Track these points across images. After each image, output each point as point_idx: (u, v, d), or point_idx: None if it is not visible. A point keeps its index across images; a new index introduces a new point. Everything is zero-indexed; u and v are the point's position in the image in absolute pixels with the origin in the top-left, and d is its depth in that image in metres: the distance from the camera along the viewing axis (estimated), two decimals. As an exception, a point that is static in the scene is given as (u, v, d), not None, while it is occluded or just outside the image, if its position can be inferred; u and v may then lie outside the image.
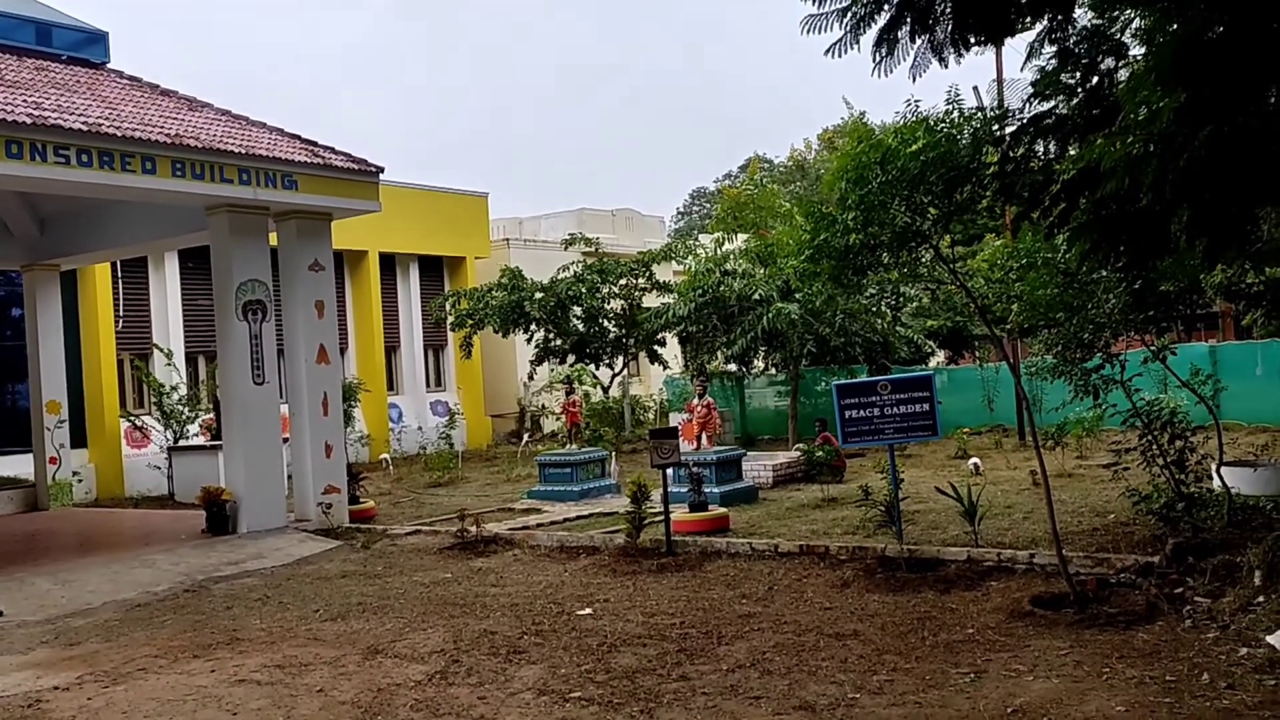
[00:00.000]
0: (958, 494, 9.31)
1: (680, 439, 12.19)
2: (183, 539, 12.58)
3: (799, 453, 15.91)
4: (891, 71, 5.14)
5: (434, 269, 26.76)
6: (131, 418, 19.69)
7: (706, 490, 11.98)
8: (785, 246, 18.23)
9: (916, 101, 7.19)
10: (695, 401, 14.58)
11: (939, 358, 25.38)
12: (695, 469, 12.01)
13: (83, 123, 10.68)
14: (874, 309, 18.95)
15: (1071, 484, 12.92)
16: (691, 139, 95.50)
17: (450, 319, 23.58)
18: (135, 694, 6.58)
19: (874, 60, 5.12)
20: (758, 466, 14.98)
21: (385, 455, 21.59)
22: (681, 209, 60.14)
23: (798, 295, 17.20)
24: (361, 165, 13.54)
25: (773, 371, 23.10)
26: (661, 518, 10.61)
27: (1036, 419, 19.15)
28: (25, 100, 10.71)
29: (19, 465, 17.45)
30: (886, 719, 5.36)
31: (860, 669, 6.18)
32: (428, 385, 26.34)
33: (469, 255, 26.72)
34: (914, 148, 7.11)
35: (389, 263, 25.32)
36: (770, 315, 17.41)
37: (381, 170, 13.79)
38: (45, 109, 10.65)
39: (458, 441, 23.02)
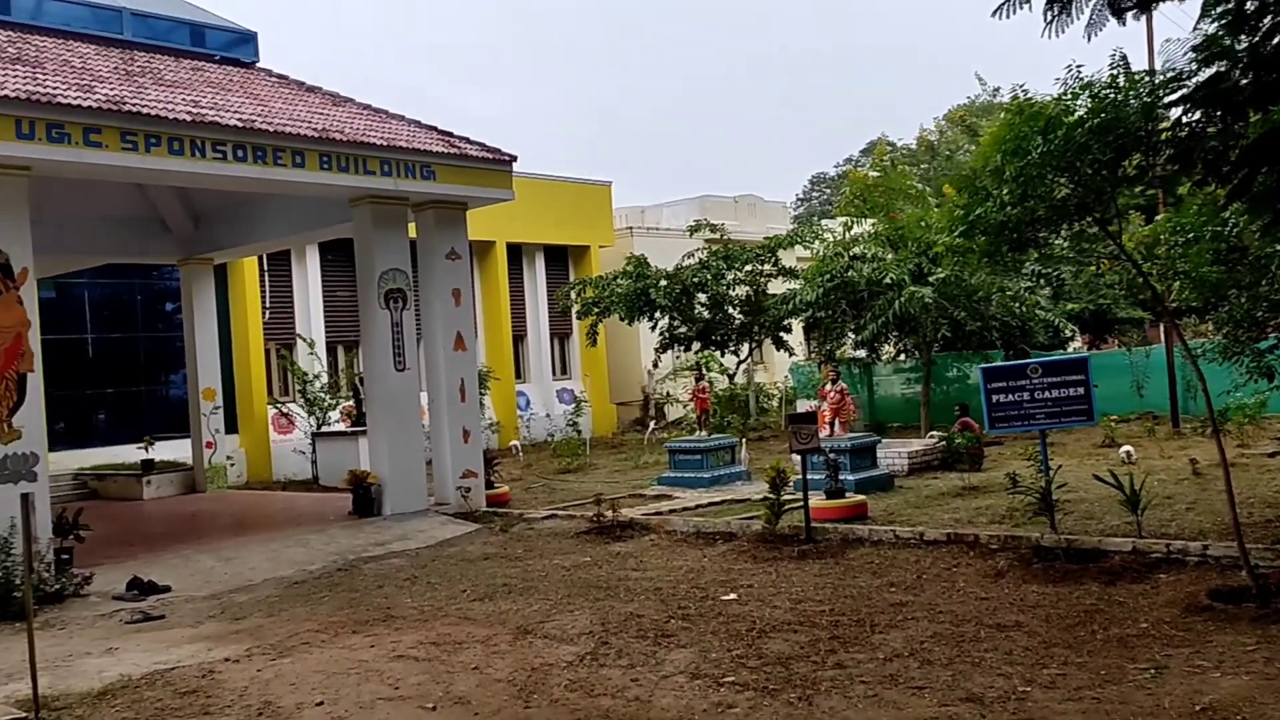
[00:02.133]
0: (1118, 482, 8.89)
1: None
2: (331, 520, 13.03)
3: (936, 439, 15.51)
4: (1064, 31, 4.90)
5: (559, 258, 27.07)
6: (278, 405, 20.53)
7: (841, 477, 11.78)
8: (916, 229, 17.81)
9: (1079, 67, 6.84)
10: (828, 388, 14.35)
11: (1078, 342, 24.41)
12: (831, 455, 11.82)
13: (237, 119, 11.12)
14: (1032, 289, 18.19)
15: (1236, 473, 12.22)
16: (809, 124, 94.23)
17: (576, 307, 23.82)
18: (301, 666, 6.82)
19: (1045, 19, 4.89)
20: (892, 454, 14.67)
21: (515, 442, 21.96)
22: (801, 195, 59.40)
23: (931, 278, 16.75)
24: (495, 155, 13.74)
25: (901, 358, 22.60)
26: (797, 504, 10.48)
27: (1191, 405, 18.25)
28: (184, 99, 11.21)
29: (178, 449, 18.37)
30: (1063, 714, 5.15)
31: (1027, 661, 5.96)
32: (554, 373, 26.68)
33: (593, 244, 26.93)
34: (1074, 116, 6.78)
35: (515, 252, 25.73)
36: (902, 300, 17.00)
37: (514, 159, 13.98)
38: (202, 107, 11.12)
39: (584, 429, 23.25)
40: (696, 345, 22.81)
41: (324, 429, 19.43)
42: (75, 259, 16.71)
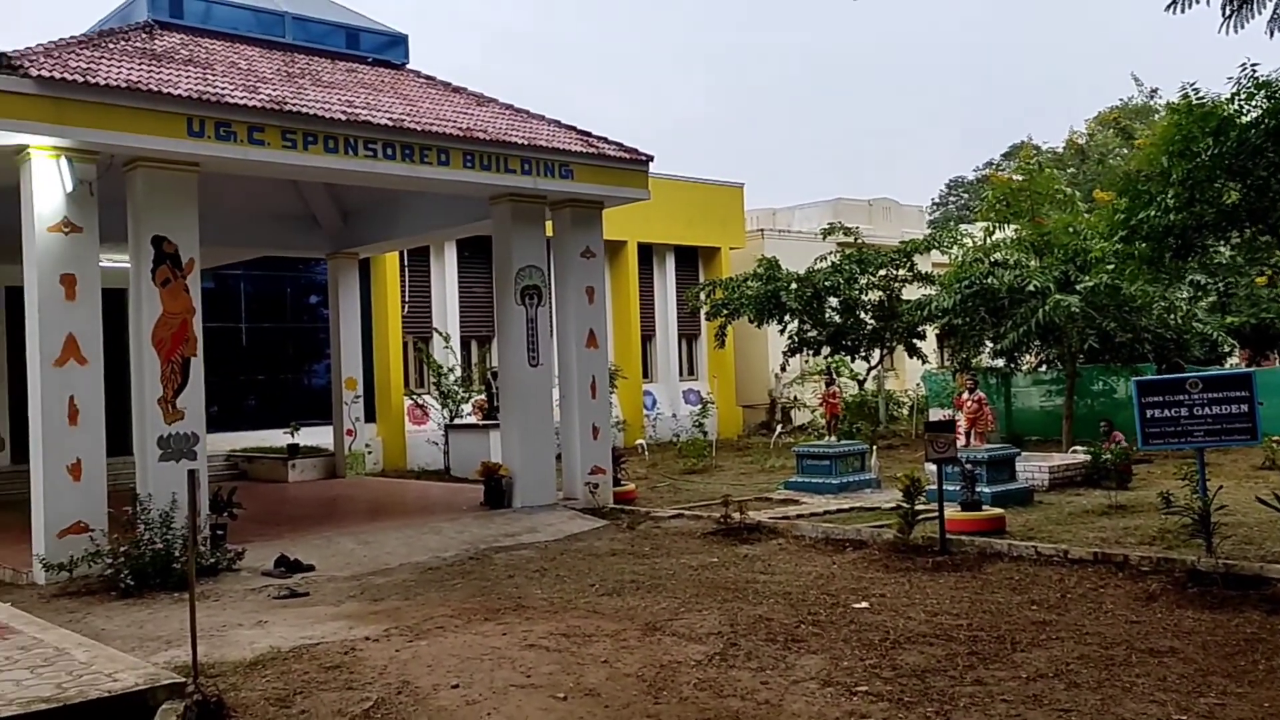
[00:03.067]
0: (1285, 506, 8.36)
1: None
2: (463, 510, 13.36)
3: (1081, 454, 14.91)
4: (1243, 26, 4.63)
5: (689, 259, 27.12)
6: (414, 396, 21.19)
7: (978, 490, 11.44)
8: (1064, 235, 17.15)
9: (1254, 65, 6.46)
10: (965, 396, 13.95)
11: (1237, 358, 23.08)
12: (968, 467, 11.50)
13: (388, 119, 11.51)
14: (1192, 300, 17.24)
15: None
16: (946, 128, 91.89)
17: (705, 309, 23.81)
18: (437, 649, 7.00)
19: (1224, 14, 4.63)
20: (1031, 467, 14.17)
21: (641, 441, 22.08)
22: (938, 199, 57.94)
23: (1079, 287, 16.10)
24: (632, 154, 13.85)
25: (1042, 369, 21.80)
26: (931, 515, 10.22)
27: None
28: (340, 99, 11.67)
29: (320, 436, 19.14)
30: (1221, 745, 4.88)
31: (1183, 689, 5.66)
32: (681, 374, 26.75)
33: (724, 246, 26.89)
34: (1249, 117, 6.41)
35: (646, 253, 25.89)
36: (1046, 308, 16.39)
37: (651, 159, 14.07)
38: (356, 106, 11.56)
39: (709, 430, 23.22)
40: (826, 350, 22.51)
41: (457, 421, 19.95)
42: (234, 251, 17.59)
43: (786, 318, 22.15)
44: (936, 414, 21.51)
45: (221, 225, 14.35)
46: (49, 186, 9.87)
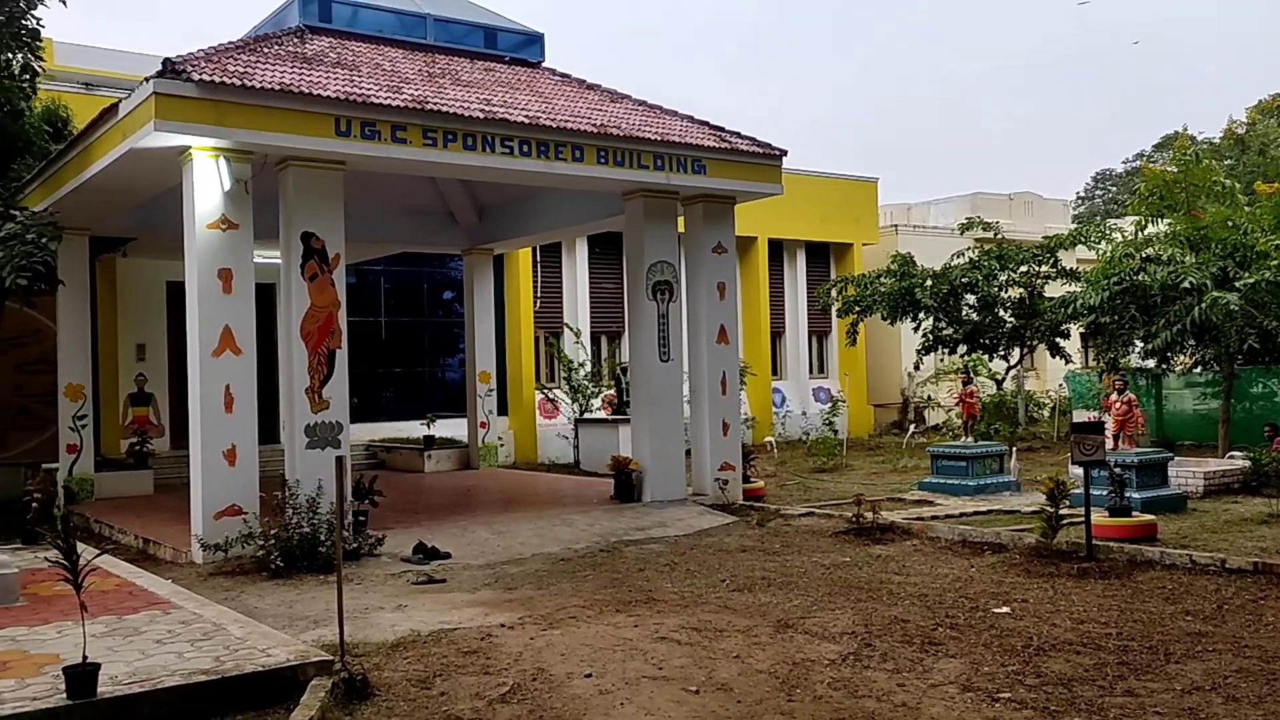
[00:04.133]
0: None
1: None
2: (593, 503, 13.50)
3: (1239, 459, 14.08)
4: None
5: (820, 255, 26.77)
6: (545, 390, 21.54)
7: (1127, 494, 10.92)
8: (1222, 230, 16.21)
9: None
10: (1114, 397, 13.35)
11: None
12: (1117, 470, 10.99)
13: (524, 116, 11.71)
14: None
15: None
16: (1091, 119, 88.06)
17: (836, 305, 23.43)
18: (570, 639, 7.09)
19: None
20: (1185, 473, 13.44)
21: (769, 438, 21.90)
22: (1083, 192, 55.63)
23: (1238, 283, 15.18)
24: (765, 149, 13.74)
25: (1198, 370, 20.66)
26: (1075, 520, 9.82)
27: None
28: (478, 98, 11.93)
29: (454, 428, 19.64)
30: (1407, 773, 4.52)
31: (1359, 710, 5.28)
32: (810, 371, 26.44)
33: (856, 242, 26.44)
34: None
35: (777, 249, 25.67)
36: (1203, 306, 15.51)
37: (785, 154, 13.93)
38: (494, 105, 11.79)
39: (840, 428, 22.86)
40: (962, 348, 21.86)
41: (586, 415, 20.19)
42: (375, 247, 18.20)
43: (921, 315, 21.59)
44: (1080, 415, 20.63)
45: (364, 222, 14.88)
46: (208, 186, 10.39)
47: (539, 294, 22.08)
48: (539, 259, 22.05)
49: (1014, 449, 15.92)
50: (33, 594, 8.18)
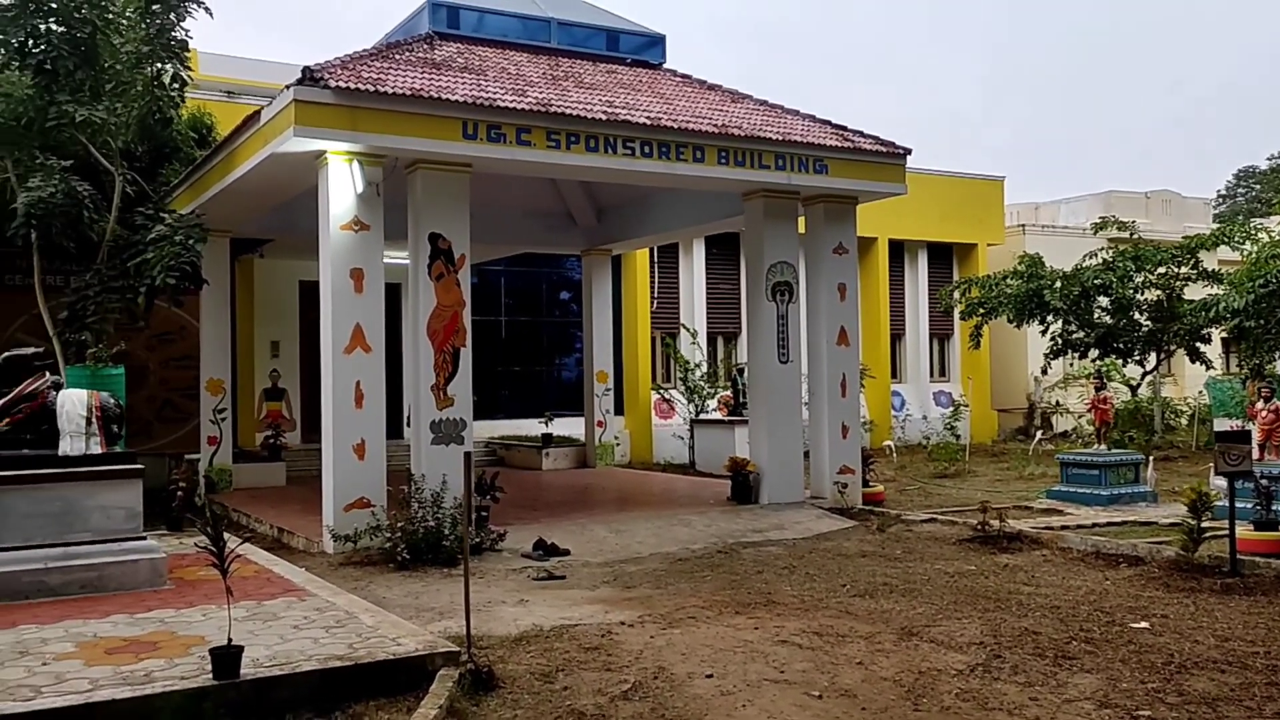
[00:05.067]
0: None
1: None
2: (710, 504, 13.47)
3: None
4: None
5: (943, 256, 26.15)
6: (661, 390, 21.61)
7: (1275, 507, 10.32)
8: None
9: None
10: (1259, 405, 12.65)
11: None
12: (1265, 482, 10.40)
13: (646, 118, 11.76)
14: None
15: None
16: (1233, 114, 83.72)
17: (959, 308, 22.85)
18: (690, 639, 7.08)
19: None
20: (1341, 487, 12.62)
21: (888, 442, 21.50)
22: (1225, 190, 52.96)
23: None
24: (889, 148, 13.50)
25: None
26: (1217, 533, 9.34)
27: None
28: (600, 100, 12.05)
29: (571, 426, 19.87)
30: None
31: None
32: (931, 375, 25.87)
33: (981, 242, 25.74)
34: None
35: (897, 250, 25.19)
36: (1360, 309, 14.59)
37: (909, 152, 13.66)
38: (616, 107, 11.89)
39: (962, 433, 22.29)
40: (1094, 353, 21.04)
41: (702, 416, 20.17)
42: (497, 248, 18.55)
43: (1049, 318, 20.87)
44: (1222, 424, 19.61)
45: (487, 223, 15.16)
46: (342, 188, 10.75)
47: (656, 294, 22.16)
48: (656, 259, 22.14)
49: (1150, 458, 15.26)
50: (179, 578, 8.60)
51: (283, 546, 11.29)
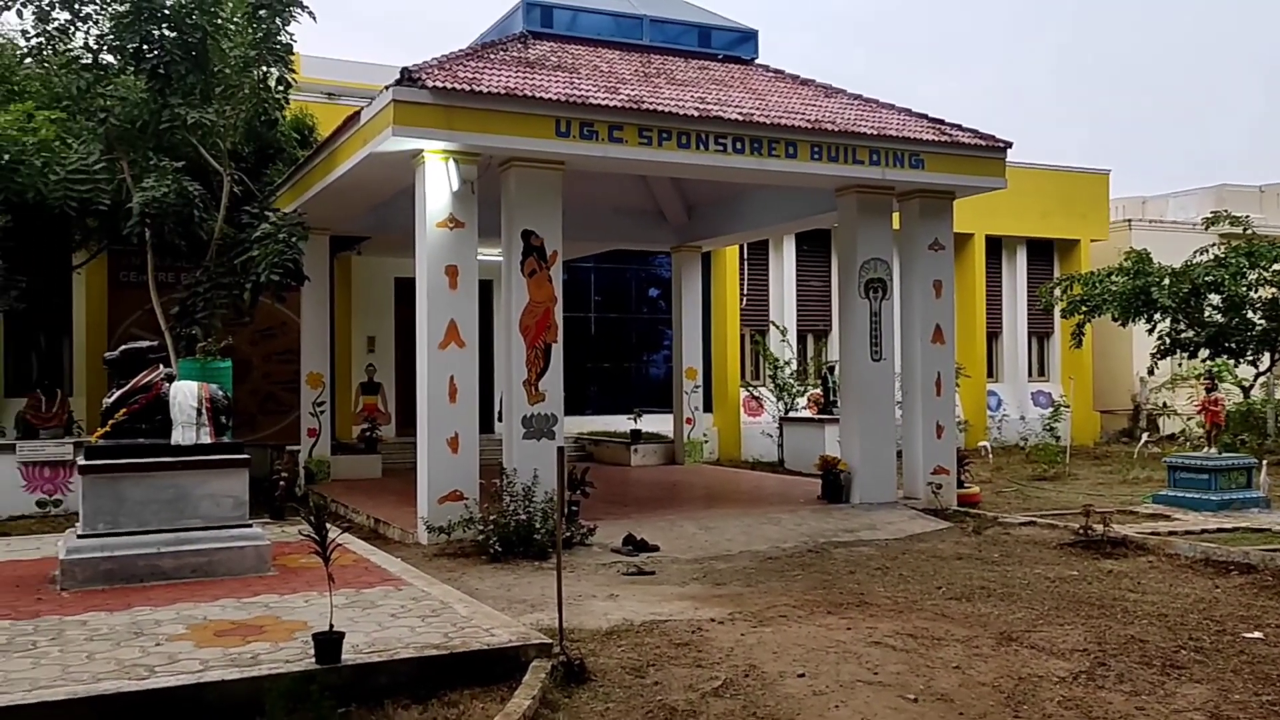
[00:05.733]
0: None
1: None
2: (800, 503, 13.35)
3: None
4: None
5: (1043, 252, 25.45)
6: (750, 388, 21.49)
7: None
8: None
9: None
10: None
11: None
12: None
13: (738, 113, 11.71)
14: None
15: None
16: (1359, 100, 79.67)
17: (1060, 305, 22.20)
18: (781, 637, 7.03)
19: None
20: None
21: (984, 443, 21.00)
22: (1344, 184, 50.34)
23: None
24: (989, 141, 13.19)
25: None
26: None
27: None
28: (692, 96, 12.03)
29: (659, 423, 19.90)
30: None
31: None
32: (1030, 374, 25.21)
33: (1083, 238, 24.97)
34: None
35: (995, 246, 24.61)
36: None
37: (1009, 146, 13.32)
38: (708, 103, 11.86)
39: (1062, 435, 21.66)
40: (1204, 352, 20.24)
41: (791, 414, 20.00)
42: (588, 245, 18.66)
43: (1157, 316, 20.15)
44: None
45: (578, 220, 15.25)
46: (438, 186, 10.94)
47: (745, 291, 22.04)
48: (746, 256, 22.02)
49: (1264, 462, 14.61)
50: (282, 565, 8.87)
51: (379, 537, 11.55)
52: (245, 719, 5.16)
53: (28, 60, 13.12)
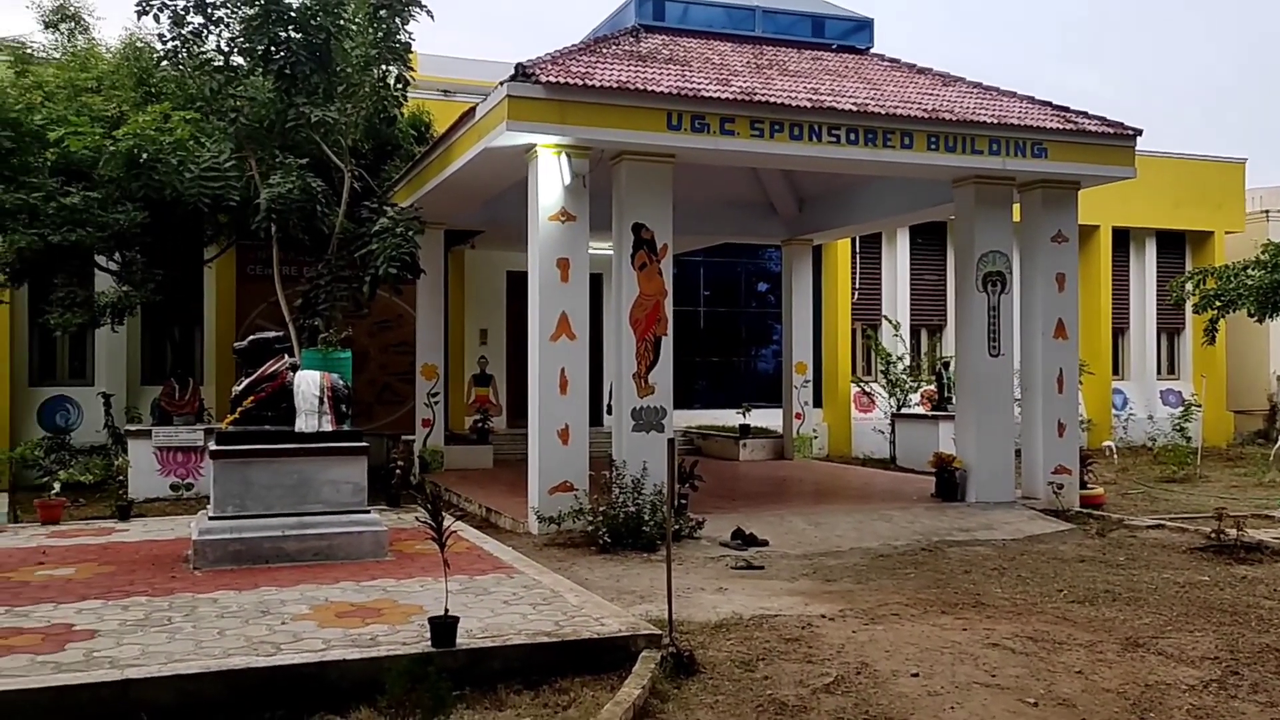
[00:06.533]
0: None
1: None
2: (913, 500, 13.08)
3: None
4: None
5: (1174, 245, 24.36)
6: (861, 383, 21.15)
7: None
8: None
9: None
10: None
11: None
12: None
13: (852, 104, 11.51)
14: None
15: None
16: None
17: (1192, 300, 21.18)
18: (893, 636, 6.90)
19: None
20: None
21: (1108, 443, 20.23)
22: None
23: None
24: (1117, 129, 12.67)
25: None
26: None
27: None
28: (805, 87, 11.87)
29: (768, 418, 19.76)
30: None
31: None
32: (1159, 372, 24.17)
33: (1218, 229, 23.81)
34: None
35: (1122, 238, 23.65)
36: None
37: (1139, 133, 12.78)
38: (821, 94, 11.69)
39: (1192, 435, 20.70)
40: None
41: (903, 410, 19.61)
42: (698, 239, 18.64)
43: (1295, 312, 19.06)
44: None
45: (689, 213, 15.26)
46: (550, 180, 11.06)
47: (857, 285, 21.70)
48: (858, 249, 21.67)
49: None
50: (398, 550, 9.11)
51: (490, 525, 11.77)
52: (364, 696, 5.32)
53: (164, 63, 13.72)
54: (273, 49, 12.77)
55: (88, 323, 14.49)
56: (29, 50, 15.93)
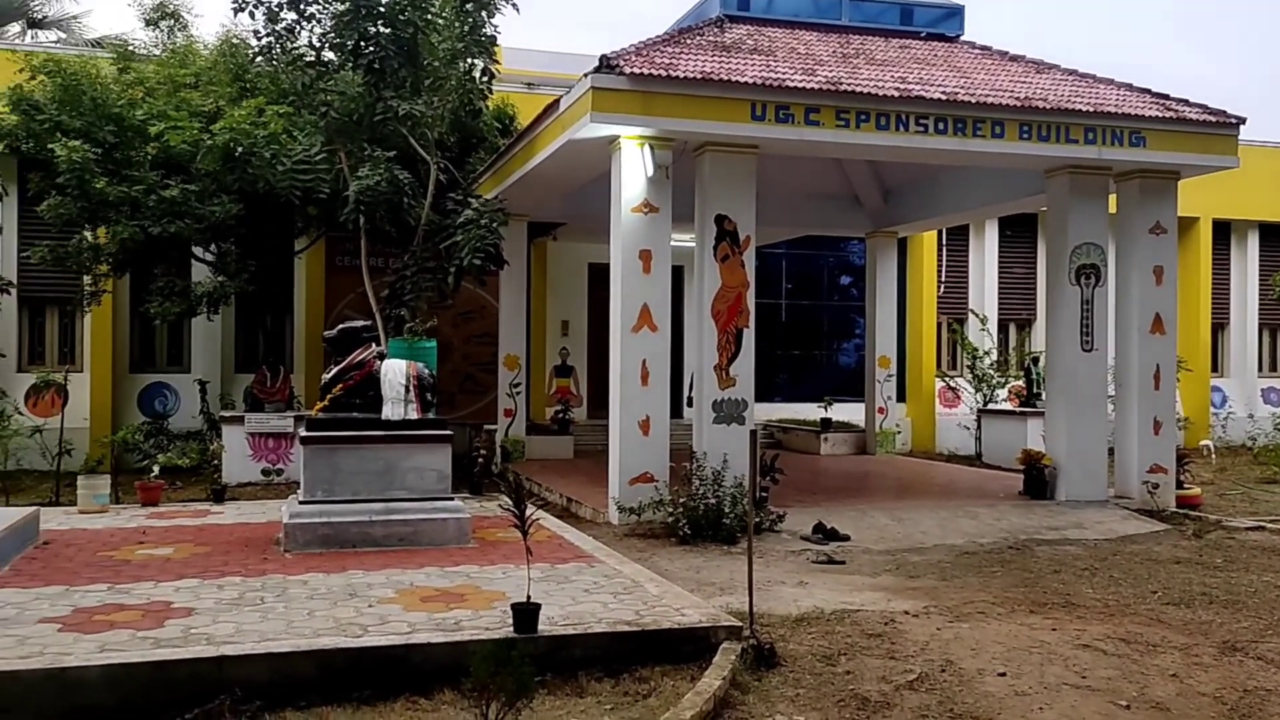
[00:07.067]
0: None
1: None
2: (999, 497, 12.80)
3: None
4: None
5: (1278, 238, 23.38)
6: (946, 378, 20.77)
7: None
8: None
9: None
10: None
11: None
12: None
13: (940, 93, 11.29)
14: None
15: None
16: None
17: (1298, 295, 20.35)
18: (979, 634, 6.76)
19: None
20: None
21: (1206, 442, 19.52)
22: None
23: None
24: (1220, 117, 12.20)
25: None
26: None
27: None
28: (892, 76, 11.68)
29: (850, 412, 19.53)
30: None
31: None
32: (1260, 369, 23.25)
33: (1325, 222, 22.78)
34: None
35: (1223, 230, 22.79)
36: None
37: (1243, 121, 12.29)
38: (908, 83, 11.49)
39: (1297, 436, 19.89)
40: None
41: (990, 406, 19.19)
42: (781, 230, 18.50)
43: None
44: None
45: (772, 205, 15.11)
46: (633, 172, 11.07)
47: (943, 278, 21.29)
48: (944, 242, 21.25)
49: None
50: (480, 538, 9.24)
51: (570, 515, 11.85)
52: (448, 679, 5.40)
53: (259, 59, 14.09)
54: (362, 44, 13.01)
55: (185, 312, 14.98)
56: (131, 48, 16.52)
